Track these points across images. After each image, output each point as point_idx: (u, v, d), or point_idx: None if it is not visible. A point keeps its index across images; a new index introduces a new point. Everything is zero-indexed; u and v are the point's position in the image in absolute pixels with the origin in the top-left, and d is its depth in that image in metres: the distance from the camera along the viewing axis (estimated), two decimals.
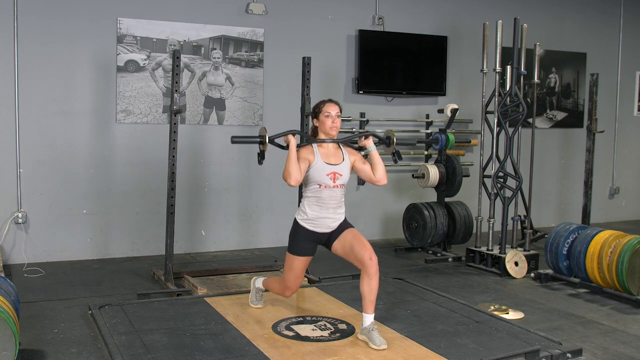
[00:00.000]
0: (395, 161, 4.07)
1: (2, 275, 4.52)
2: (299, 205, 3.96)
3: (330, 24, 6.95)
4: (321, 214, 3.79)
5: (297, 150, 3.75)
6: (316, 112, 3.88)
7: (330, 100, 3.89)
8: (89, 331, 4.04)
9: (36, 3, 5.76)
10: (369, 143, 3.95)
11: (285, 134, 3.84)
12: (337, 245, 3.83)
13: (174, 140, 4.94)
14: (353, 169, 3.90)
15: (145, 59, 6.16)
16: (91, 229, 6.09)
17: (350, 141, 4.01)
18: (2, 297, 3.36)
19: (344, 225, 3.86)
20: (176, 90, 4.89)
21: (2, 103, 5.74)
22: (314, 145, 3.83)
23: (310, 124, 4.03)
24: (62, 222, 5.98)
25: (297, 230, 3.86)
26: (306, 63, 5.38)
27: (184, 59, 6.24)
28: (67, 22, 5.88)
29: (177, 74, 4.90)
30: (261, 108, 6.64)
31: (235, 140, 3.98)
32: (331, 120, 3.82)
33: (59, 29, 5.86)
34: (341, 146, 3.92)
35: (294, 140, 3.77)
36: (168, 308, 4.33)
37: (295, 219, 3.89)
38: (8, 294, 3.49)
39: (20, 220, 5.81)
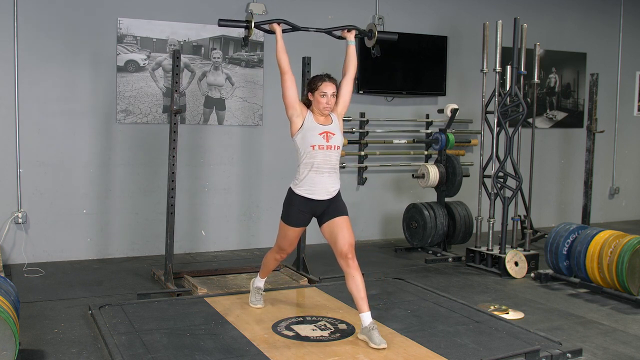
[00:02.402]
0: (374, 55, 4.12)
1: (2, 275, 4.52)
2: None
3: (330, 24, 6.94)
4: (316, 179, 3.78)
5: (294, 102, 3.81)
6: (312, 88, 3.87)
7: (328, 78, 3.86)
8: (89, 331, 4.04)
9: (36, 3, 5.76)
10: (350, 36, 4.06)
11: (271, 21, 3.96)
12: (326, 228, 3.84)
13: (174, 140, 4.94)
14: (339, 98, 3.90)
15: (145, 59, 6.16)
16: (91, 229, 6.09)
17: (333, 31, 4.14)
18: (2, 297, 3.36)
19: (339, 208, 3.85)
20: (176, 90, 4.89)
21: (2, 103, 5.74)
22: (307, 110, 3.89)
23: (304, 96, 4.03)
24: (62, 222, 5.98)
25: (292, 201, 3.85)
26: (306, 63, 5.39)
27: (184, 59, 6.24)
28: (67, 22, 5.88)
29: (177, 74, 4.90)
30: (261, 108, 6.64)
31: (222, 23, 4.09)
32: (326, 100, 3.83)
33: (59, 29, 5.86)
34: (330, 113, 3.90)
35: (279, 29, 3.91)
36: (168, 308, 4.33)
37: (290, 187, 3.88)
38: (8, 294, 3.49)
39: (20, 220, 5.81)
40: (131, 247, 6.25)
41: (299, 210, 3.84)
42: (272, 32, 3.96)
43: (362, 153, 7.05)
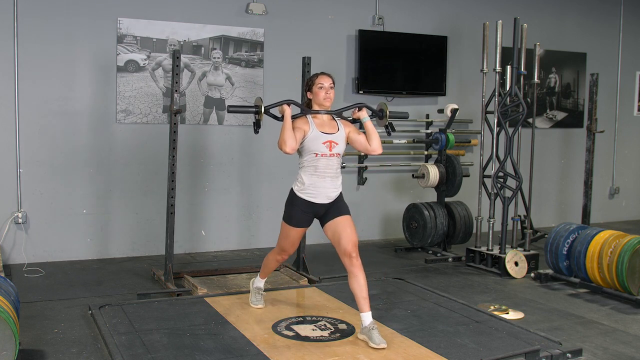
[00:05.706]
0: (389, 133, 4.15)
1: (2, 275, 4.52)
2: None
3: (330, 24, 6.95)
4: (318, 183, 3.80)
5: (292, 121, 3.78)
6: (309, 85, 3.94)
7: (322, 73, 3.95)
8: (89, 331, 4.04)
9: (36, 3, 5.76)
10: (363, 114, 3.99)
11: (280, 103, 3.88)
12: (329, 228, 3.84)
13: (174, 140, 4.94)
14: (348, 140, 3.92)
15: (145, 59, 6.16)
16: (91, 229, 6.09)
17: (343, 112, 4.06)
18: (2, 297, 3.36)
19: (342, 208, 3.86)
20: (176, 90, 4.89)
21: (2, 103, 5.74)
22: (309, 116, 3.88)
23: (305, 98, 4.06)
24: (62, 222, 5.98)
25: (294, 202, 3.86)
26: (306, 63, 5.38)
27: (184, 59, 6.24)
28: (67, 22, 5.88)
29: (177, 74, 4.90)
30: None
31: (231, 109, 4.04)
32: (324, 92, 3.87)
33: (59, 29, 5.86)
34: (335, 118, 3.95)
35: (289, 110, 3.81)
36: (168, 308, 4.32)
37: (291, 189, 3.89)
38: (8, 294, 3.49)
39: (20, 220, 5.81)
40: (131, 247, 6.25)
41: (300, 210, 3.85)
42: (281, 117, 3.84)
43: (362, 153, 7.04)
